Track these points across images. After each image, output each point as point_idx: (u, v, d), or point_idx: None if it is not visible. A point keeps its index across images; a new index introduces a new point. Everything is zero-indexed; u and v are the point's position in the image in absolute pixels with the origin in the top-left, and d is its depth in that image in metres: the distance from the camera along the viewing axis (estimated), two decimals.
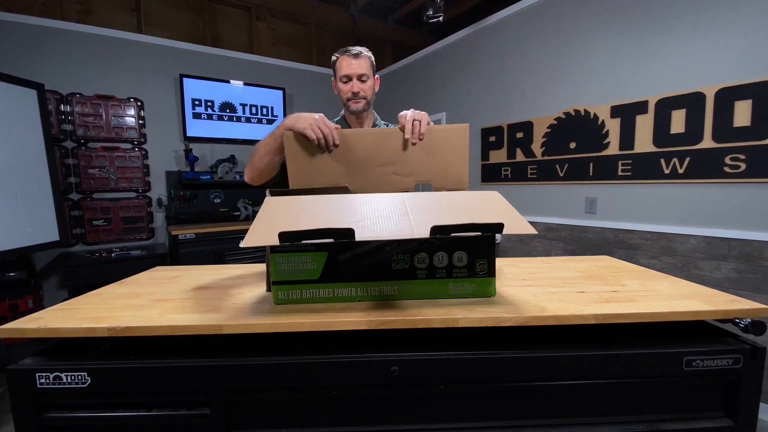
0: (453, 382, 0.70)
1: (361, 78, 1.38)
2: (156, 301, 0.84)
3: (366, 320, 0.69)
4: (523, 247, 2.89)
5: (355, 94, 1.38)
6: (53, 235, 2.63)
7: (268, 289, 0.83)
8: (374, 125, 1.51)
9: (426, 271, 0.79)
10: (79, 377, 0.68)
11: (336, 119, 1.52)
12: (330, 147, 1.02)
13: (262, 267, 1.13)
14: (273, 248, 0.76)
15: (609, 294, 0.82)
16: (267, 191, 0.91)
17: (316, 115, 1.04)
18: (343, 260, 0.77)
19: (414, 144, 1.00)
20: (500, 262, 1.17)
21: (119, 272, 2.69)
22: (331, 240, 0.69)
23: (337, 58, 1.41)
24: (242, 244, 0.69)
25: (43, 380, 0.68)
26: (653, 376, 0.71)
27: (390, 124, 1.56)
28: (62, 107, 2.95)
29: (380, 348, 0.71)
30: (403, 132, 0.99)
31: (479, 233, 0.71)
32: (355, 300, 0.79)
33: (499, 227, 0.69)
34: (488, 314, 0.71)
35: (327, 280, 0.78)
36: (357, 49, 1.39)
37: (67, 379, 0.68)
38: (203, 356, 0.70)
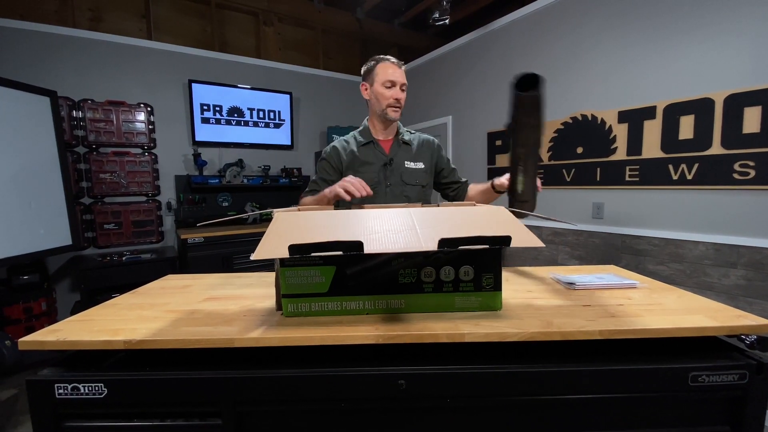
0: (459, 396, 0.71)
1: (402, 87, 1.41)
2: (168, 312, 0.86)
3: (374, 334, 0.71)
4: (530, 252, 2.89)
5: (397, 101, 1.40)
6: (66, 239, 2.68)
7: (278, 308, 0.85)
8: (398, 132, 1.52)
9: (433, 284, 0.80)
10: (96, 388, 0.70)
11: (359, 129, 1.53)
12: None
13: (271, 276, 1.15)
14: (283, 262, 0.78)
15: (614, 308, 0.83)
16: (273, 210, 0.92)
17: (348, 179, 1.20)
18: (351, 274, 0.79)
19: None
20: (507, 272, 1.18)
21: (130, 275, 2.78)
22: (340, 252, 0.71)
23: (377, 62, 1.42)
24: (253, 257, 0.70)
25: (61, 391, 0.70)
26: (659, 391, 0.71)
27: (412, 131, 1.58)
28: (74, 113, 3.01)
29: (388, 361, 0.72)
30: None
31: (486, 246, 0.73)
32: (363, 313, 0.80)
33: (506, 240, 0.70)
34: (494, 329, 0.72)
35: (335, 294, 0.79)
36: (395, 59, 1.42)
37: (84, 390, 0.70)
38: (215, 368, 0.72)
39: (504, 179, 1.26)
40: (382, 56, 1.43)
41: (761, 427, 0.74)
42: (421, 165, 1.49)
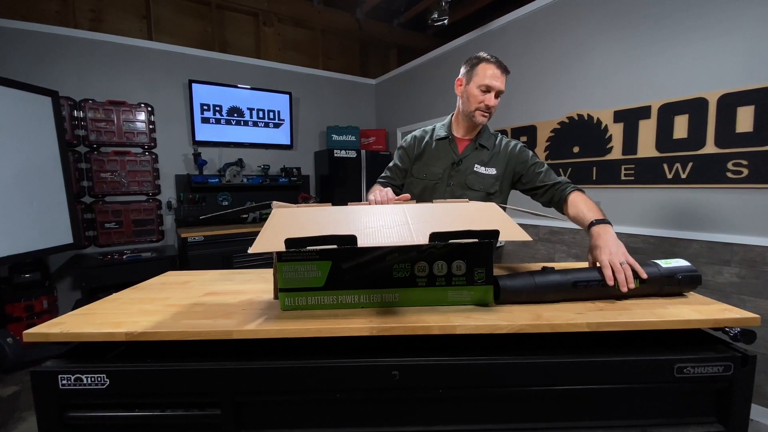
0: (451, 387, 0.73)
1: (498, 94, 1.32)
2: (169, 306, 0.88)
3: (368, 327, 0.73)
4: (527, 251, 2.91)
5: (488, 108, 1.33)
6: (67, 238, 2.70)
7: (276, 297, 0.87)
8: (480, 134, 1.44)
9: (426, 279, 0.82)
10: (99, 379, 0.72)
11: (443, 122, 1.49)
12: None
13: (269, 272, 1.17)
14: (280, 257, 0.80)
15: (602, 301, 0.85)
16: (272, 204, 0.94)
17: (384, 191, 1.16)
18: (347, 269, 0.81)
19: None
20: (500, 268, 1.20)
21: (130, 274, 2.80)
22: (335, 246, 0.73)
23: (481, 60, 1.32)
24: (251, 250, 0.72)
25: (65, 382, 0.72)
26: (645, 383, 0.73)
27: (497, 134, 1.50)
28: (75, 113, 3.03)
29: (382, 353, 0.75)
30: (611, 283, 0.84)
31: (476, 240, 0.75)
32: (358, 306, 0.82)
33: (494, 234, 0.72)
34: (485, 322, 0.74)
35: (331, 288, 0.81)
36: (500, 62, 1.32)
37: (87, 381, 0.72)
38: (214, 359, 0.74)
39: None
40: (488, 56, 1.32)
41: (746, 418, 0.76)
42: (493, 171, 1.39)
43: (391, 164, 1.52)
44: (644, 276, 0.85)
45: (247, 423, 0.74)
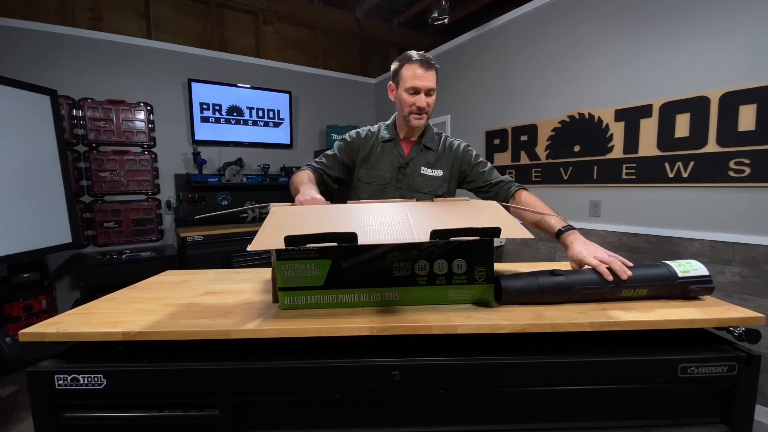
0: (452, 387, 0.72)
1: (429, 93, 1.26)
2: (167, 305, 0.87)
3: (368, 326, 0.72)
4: (527, 250, 2.90)
5: (420, 110, 1.27)
6: (66, 237, 2.69)
7: (275, 300, 0.86)
8: (423, 135, 1.39)
9: (426, 278, 0.81)
10: (96, 379, 0.71)
11: (387, 123, 1.44)
12: None
13: (268, 272, 1.16)
14: (279, 256, 0.79)
15: (606, 301, 0.84)
16: (270, 204, 0.93)
17: (308, 197, 1.02)
18: (346, 267, 0.80)
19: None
20: (501, 268, 1.19)
21: (129, 273, 2.79)
22: (335, 244, 0.72)
23: (402, 63, 1.27)
24: (250, 248, 0.72)
25: (61, 382, 0.71)
26: (648, 383, 0.73)
27: (441, 134, 1.44)
28: (74, 112, 3.02)
29: (382, 352, 0.74)
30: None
31: (477, 238, 0.74)
32: (358, 305, 0.81)
33: (496, 231, 0.71)
34: (486, 321, 0.73)
35: (331, 287, 0.80)
36: (426, 56, 1.25)
37: (83, 381, 0.71)
38: (212, 359, 0.73)
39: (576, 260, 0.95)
40: (410, 55, 1.26)
41: (751, 418, 0.75)
42: (439, 173, 1.37)
43: (329, 152, 1.44)
44: (630, 264, 0.86)
45: (245, 424, 0.73)
